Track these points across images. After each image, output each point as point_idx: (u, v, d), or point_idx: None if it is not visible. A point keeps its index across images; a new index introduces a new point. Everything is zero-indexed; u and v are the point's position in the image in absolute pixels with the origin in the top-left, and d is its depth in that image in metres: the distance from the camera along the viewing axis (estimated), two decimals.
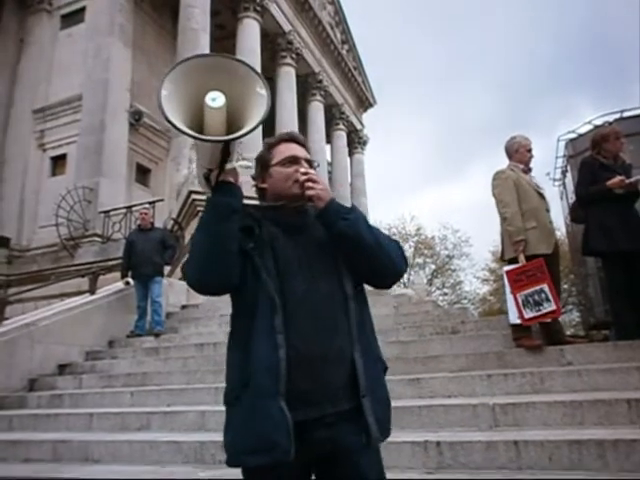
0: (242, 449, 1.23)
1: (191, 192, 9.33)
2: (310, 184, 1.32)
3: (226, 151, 1.26)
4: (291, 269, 1.30)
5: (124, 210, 11.65)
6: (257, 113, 1.21)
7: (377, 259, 1.32)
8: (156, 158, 15.36)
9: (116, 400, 4.79)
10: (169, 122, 1.16)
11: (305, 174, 1.34)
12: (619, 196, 3.87)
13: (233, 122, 1.26)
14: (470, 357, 3.85)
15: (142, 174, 14.98)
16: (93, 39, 14.11)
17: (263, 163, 1.46)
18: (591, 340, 4.94)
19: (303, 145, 1.47)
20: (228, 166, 1.28)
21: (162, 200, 11.84)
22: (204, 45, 13.71)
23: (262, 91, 1.24)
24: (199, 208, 9.35)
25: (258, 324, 1.25)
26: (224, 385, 1.33)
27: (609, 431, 2.52)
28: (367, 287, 1.42)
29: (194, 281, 1.30)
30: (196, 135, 1.19)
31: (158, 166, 15.35)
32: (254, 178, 1.50)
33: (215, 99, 1.22)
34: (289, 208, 1.38)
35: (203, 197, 9.24)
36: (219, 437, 3.36)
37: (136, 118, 14.22)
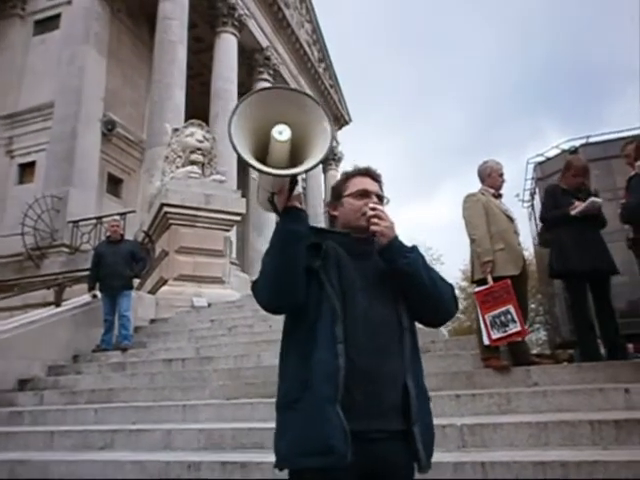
0: (300, 451, 1.26)
1: (163, 204, 9.22)
2: (376, 220, 1.40)
3: (294, 179, 1.33)
4: (354, 286, 1.38)
5: (94, 221, 11.44)
6: (321, 147, 1.28)
7: (431, 298, 1.41)
8: (129, 169, 15.17)
9: (79, 417, 4.65)
10: (237, 153, 1.22)
11: (373, 209, 1.42)
12: (578, 219, 4.01)
13: (296, 153, 1.33)
14: (440, 377, 3.88)
15: (114, 185, 14.76)
16: (67, 46, 13.94)
17: (337, 193, 1.56)
18: (556, 359, 5.06)
19: (377, 180, 1.55)
20: (295, 192, 1.36)
21: (134, 212, 11.68)
22: (181, 58, 13.71)
23: (327, 126, 1.30)
24: (171, 221, 9.24)
25: (319, 333, 1.32)
26: (192, 403, 1.32)
27: (573, 452, 2.56)
28: None
29: (266, 303, 1.40)
30: (265, 169, 1.24)
31: (131, 177, 15.16)
32: (326, 205, 1.61)
33: (282, 132, 1.28)
34: (354, 237, 1.47)
35: (176, 210, 9.17)
36: (186, 457, 3.28)
37: (109, 128, 14.06)
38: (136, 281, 7.75)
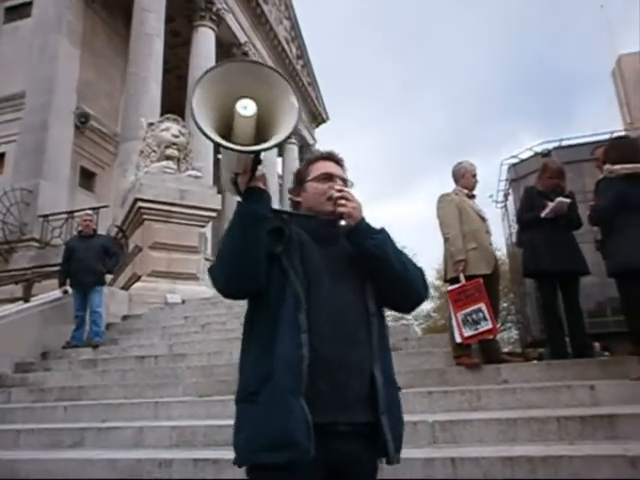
0: (259, 446, 1.19)
1: (137, 199, 9.09)
2: (343, 201, 1.36)
3: (257, 158, 1.27)
4: (318, 272, 1.32)
5: (65, 215, 11.20)
6: (287, 123, 1.22)
7: (401, 282, 1.37)
8: (102, 163, 14.90)
9: (47, 415, 4.55)
10: (200, 130, 1.16)
11: (339, 191, 1.38)
12: (551, 221, 4.10)
13: (262, 130, 1.26)
14: (412, 374, 3.92)
15: (87, 178, 14.48)
16: (39, 35, 13.61)
17: (300, 178, 1.51)
18: (526, 358, 5.17)
19: (340, 164, 1.52)
20: (258, 172, 1.30)
21: (107, 206, 11.48)
22: (158, 51, 13.53)
23: (293, 101, 1.24)
24: (145, 216, 9.11)
25: (282, 321, 1.26)
26: (164, 400, 1.29)
27: (540, 447, 2.62)
28: None
29: (222, 286, 1.32)
30: (230, 145, 1.19)
31: (104, 171, 14.90)
32: (290, 192, 1.55)
33: (247, 107, 1.22)
34: (320, 219, 1.41)
35: (150, 205, 9.04)
36: (157, 454, 3.24)
37: (82, 120, 13.79)
38: (109, 277, 7.63)
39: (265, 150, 1.23)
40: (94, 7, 15.09)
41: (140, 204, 9.08)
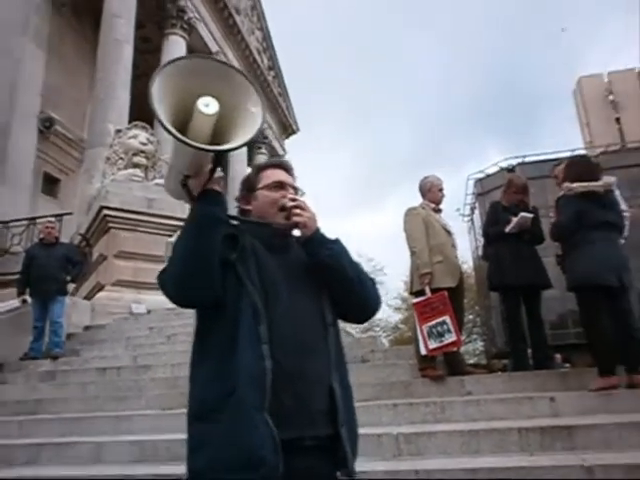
0: (223, 466, 1.13)
1: (103, 207, 8.91)
2: (298, 211, 1.33)
3: (219, 159, 1.23)
4: (275, 281, 1.28)
5: (26, 222, 10.87)
6: (249, 128, 1.19)
7: (355, 293, 1.35)
8: (67, 169, 14.55)
9: (1, 430, 4.37)
10: (159, 121, 1.11)
11: (294, 200, 1.35)
12: (515, 235, 4.21)
13: (219, 131, 1.21)
14: (378, 386, 3.94)
15: (50, 184, 14.11)
16: (4, 37, 13.24)
17: (249, 185, 1.46)
18: (491, 369, 5.25)
19: (290, 172, 1.48)
20: (215, 175, 1.24)
21: (71, 214, 11.19)
22: (127, 57, 13.36)
23: (258, 109, 1.20)
24: (111, 224, 8.93)
25: (240, 333, 1.19)
26: (126, 413, 1.25)
27: (501, 459, 2.66)
28: None
29: (173, 295, 1.25)
30: (191, 142, 1.13)
31: (69, 177, 14.54)
32: (238, 199, 1.49)
33: (209, 105, 1.17)
34: (273, 228, 1.37)
35: (116, 213, 8.87)
36: (117, 470, 3.15)
37: (46, 125, 13.46)
38: (71, 286, 7.43)
39: (226, 151, 1.18)
40: (62, 11, 14.81)
41: (106, 212, 8.90)
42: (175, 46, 15.96)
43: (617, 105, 44.26)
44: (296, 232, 1.38)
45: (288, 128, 26.92)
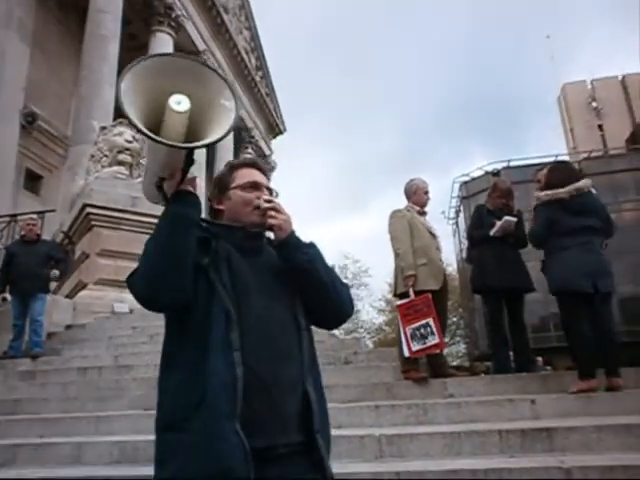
0: (191, 477, 1.10)
1: (86, 205, 8.80)
2: (273, 213, 1.30)
3: (190, 159, 1.20)
4: (248, 286, 1.25)
5: (7, 218, 10.69)
6: (223, 124, 1.17)
7: (329, 299, 1.32)
8: (50, 165, 14.36)
9: None
10: (130, 121, 1.10)
11: (269, 202, 1.32)
12: (499, 239, 4.26)
13: (194, 129, 1.20)
14: (360, 388, 3.95)
15: (32, 181, 13.91)
16: None
17: (222, 185, 1.41)
18: (473, 372, 5.30)
19: (264, 173, 1.45)
20: (189, 176, 1.23)
21: (53, 211, 11.04)
22: (113, 53, 13.23)
23: (229, 103, 1.19)
24: (94, 222, 8.83)
25: (212, 340, 1.17)
26: (106, 414, 1.23)
27: (482, 460, 2.68)
28: None
29: (143, 295, 1.21)
30: (162, 140, 1.12)
31: (52, 174, 14.35)
32: (210, 199, 1.45)
33: (180, 102, 1.16)
34: (247, 231, 1.34)
35: (99, 211, 8.76)
36: (97, 471, 3.10)
37: (29, 120, 13.27)
38: (53, 284, 7.33)
39: (200, 147, 1.17)
40: (48, 5, 14.62)
41: (89, 210, 8.79)
42: (162, 44, 15.84)
43: (600, 112, 44.97)
44: (271, 234, 1.34)
45: (275, 128, 26.88)
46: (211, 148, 18.24)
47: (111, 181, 9.13)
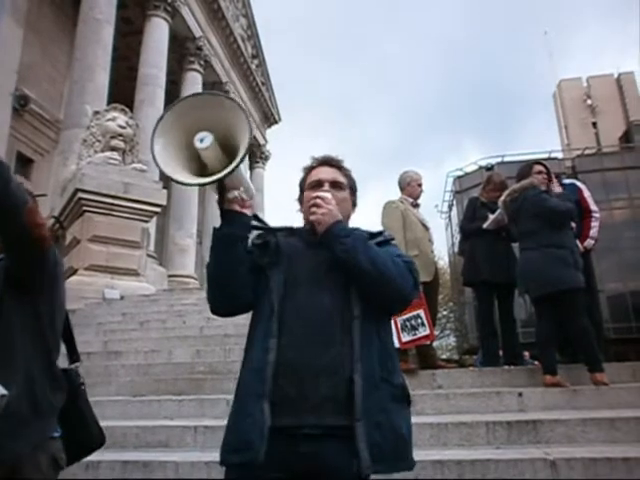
0: (224, 447, 1.28)
1: (78, 190, 8.73)
2: (313, 209, 1.37)
3: (221, 184, 1.32)
4: (298, 280, 1.35)
5: None
6: (243, 141, 1.26)
7: (377, 286, 1.33)
8: (42, 149, 14.20)
9: None
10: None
11: (313, 198, 1.39)
12: (491, 232, 4.28)
13: (229, 150, 1.30)
14: None
15: (23, 165, 13.75)
16: None
17: (300, 187, 1.54)
18: (462, 365, 5.34)
19: (335, 166, 1.51)
20: (229, 195, 1.34)
21: (44, 195, 10.93)
22: (107, 38, 13.07)
23: (243, 119, 1.27)
24: (85, 208, 8.77)
25: (258, 329, 1.34)
26: (95, 399, 1.26)
27: (468, 451, 2.71)
28: None
29: (212, 307, 1.41)
30: (182, 181, 1.26)
31: (44, 158, 14.20)
32: (298, 202, 1.57)
33: (203, 139, 1.26)
34: (307, 228, 1.45)
35: (91, 196, 8.72)
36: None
37: (21, 103, 13.09)
38: None
39: (206, 184, 1.30)
40: None
41: (81, 195, 8.73)
42: (157, 29, 15.66)
43: (595, 109, 45.12)
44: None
45: (270, 118, 26.73)
46: None
47: (103, 166, 9.07)
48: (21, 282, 1.46)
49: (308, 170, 1.53)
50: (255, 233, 1.44)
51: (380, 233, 1.49)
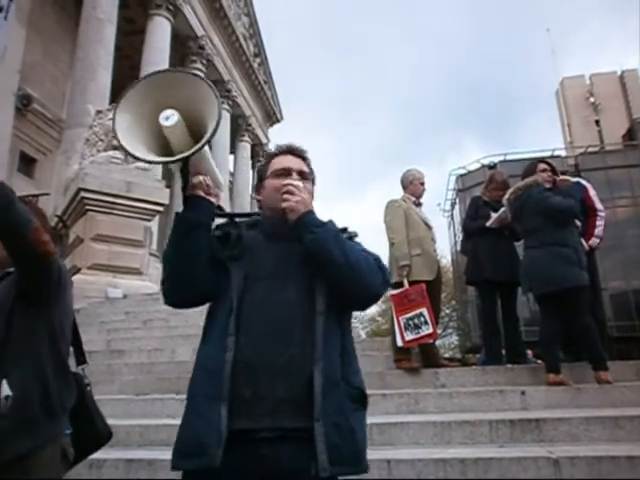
0: (177, 451, 1.21)
1: (81, 189, 8.74)
2: (286, 196, 1.30)
3: (185, 168, 1.26)
4: (260, 275, 1.29)
5: None
6: (210, 122, 1.20)
7: (346, 280, 1.27)
8: (45, 148, 14.23)
9: None
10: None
11: (286, 185, 1.32)
12: (494, 231, 4.27)
13: (196, 130, 1.24)
14: None
15: (27, 164, 13.79)
16: None
17: (260, 175, 1.47)
18: (465, 363, 5.33)
19: (300, 156, 1.46)
20: (194, 180, 1.28)
21: (47, 194, 10.96)
22: (109, 37, 13.09)
23: (213, 98, 1.21)
24: (88, 207, 8.78)
25: (214, 326, 1.27)
26: (98, 398, 1.28)
27: (472, 450, 2.71)
28: None
29: (167, 296, 1.34)
30: (145, 158, 1.21)
31: (47, 157, 14.24)
32: (254, 190, 1.55)
33: (169, 118, 1.22)
34: (270, 218, 1.38)
35: (94, 195, 8.73)
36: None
37: (24, 103, 13.13)
38: None
39: (172, 162, 1.24)
40: None
41: (83, 194, 8.75)
42: (159, 28, 15.67)
43: (597, 107, 44.96)
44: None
45: (272, 116, 26.73)
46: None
47: (106, 166, 9.08)
48: (30, 293, 1.56)
49: (271, 157, 1.47)
50: (215, 225, 1.37)
51: (345, 230, 1.40)
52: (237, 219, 1.43)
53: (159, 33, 15.62)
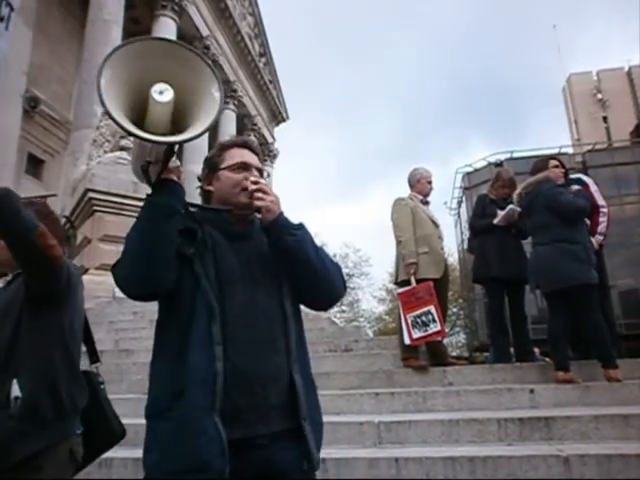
0: (171, 469, 1.12)
1: (88, 190, 8.80)
2: (260, 194, 1.27)
3: (170, 149, 1.18)
4: (232, 277, 1.24)
5: None
6: (207, 115, 1.12)
7: (319, 280, 1.29)
8: (52, 150, 14.33)
9: None
10: (107, 113, 1.05)
11: (256, 183, 1.29)
12: (501, 229, 4.25)
13: (179, 118, 1.16)
14: (360, 375, 3.96)
15: (34, 165, 13.90)
16: None
17: (212, 165, 1.39)
18: (472, 362, 5.32)
19: (256, 153, 1.42)
20: (171, 164, 1.20)
21: (55, 195, 11.00)
22: (115, 38, 13.12)
23: (216, 94, 1.14)
24: (96, 207, 8.83)
25: (194, 333, 1.17)
26: (108, 397, 1.26)
27: (480, 448, 2.70)
28: None
29: (123, 283, 1.21)
30: (141, 134, 1.08)
31: (54, 159, 14.33)
32: (200, 179, 1.43)
33: (163, 92, 1.11)
34: (235, 215, 1.32)
35: (101, 196, 8.77)
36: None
37: (32, 105, 13.22)
38: None
39: (179, 143, 1.14)
40: None
41: (91, 195, 8.80)
42: (165, 28, 15.72)
43: (605, 104, 44.66)
44: (258, 216, 1.32)
45: (278, 116, 26.75)
46: (212, 135, 18.14)
47: (113, 166, 9.12)
48: (39, 295, 1.57)
49: (224, 148, 1.40)
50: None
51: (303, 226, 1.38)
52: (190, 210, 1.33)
53: (164, 33, 15.63)
